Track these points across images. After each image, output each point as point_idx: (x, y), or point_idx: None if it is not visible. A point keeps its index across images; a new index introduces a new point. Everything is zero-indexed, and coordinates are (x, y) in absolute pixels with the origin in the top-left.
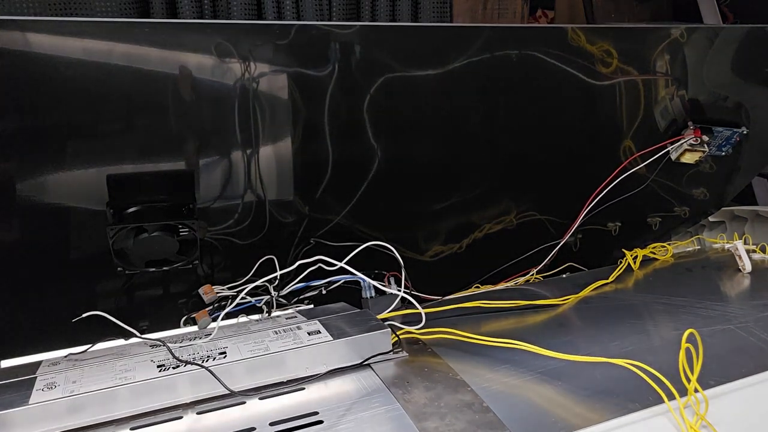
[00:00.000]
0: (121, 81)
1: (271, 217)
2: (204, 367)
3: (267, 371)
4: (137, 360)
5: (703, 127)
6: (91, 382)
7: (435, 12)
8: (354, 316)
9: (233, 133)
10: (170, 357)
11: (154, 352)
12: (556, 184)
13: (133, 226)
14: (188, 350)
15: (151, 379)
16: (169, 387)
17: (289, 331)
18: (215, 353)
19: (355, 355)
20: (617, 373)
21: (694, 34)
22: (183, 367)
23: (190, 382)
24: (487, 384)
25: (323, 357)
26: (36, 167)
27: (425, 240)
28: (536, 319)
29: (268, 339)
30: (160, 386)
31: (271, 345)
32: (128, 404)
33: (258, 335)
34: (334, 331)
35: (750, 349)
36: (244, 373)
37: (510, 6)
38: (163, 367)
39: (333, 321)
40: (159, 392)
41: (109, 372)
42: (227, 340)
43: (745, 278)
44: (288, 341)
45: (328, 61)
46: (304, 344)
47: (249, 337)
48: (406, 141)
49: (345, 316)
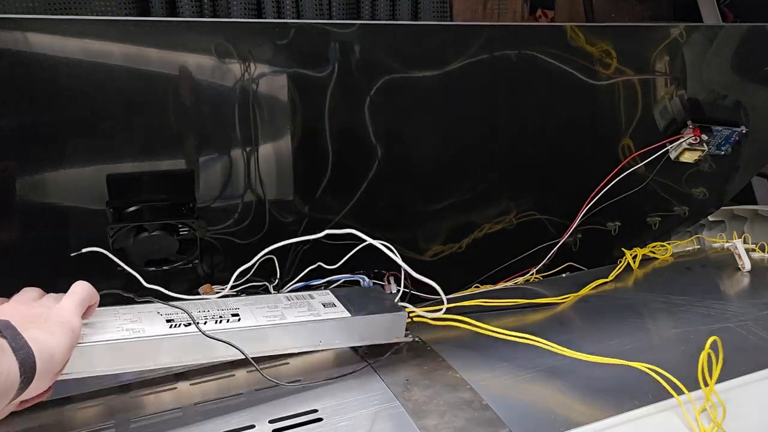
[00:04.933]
0: (120, 80)
1: (271, 217)
2: (209, 337)
3: (282, 340)
4: (144, 312)
5: (703, 126)
6: (94, 332)
7: (435, 12)
8: (368, 292)
9: (233, 132)
10: (179, 314)
11: (163, 309)
12: (555, 184)
13: (133, 225)
14: (200, 308)
15: (161, 336)
16: (177, 347)
17: (302, 299)
18: (227, 314)
19: (371, 335)
20: (617, 372)
21: (693, 33)
22: (193, 327)
23: (199, 344)
24: (487, 382)
25: (339, 333)
26: (36, 167)
27: (425, 240)
28: (536, 318)
29: (282, 305)
30: (169, 344)
31: (287, 313)
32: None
33: (270, 300)
34: (350, 306)
35: (749, 348)
36: (258, 339)
37: (510, 6)
38: (173, 323)
39: (346, 294)
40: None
41: (113, 323)
42: (238, 301)
43: (745, 277)
44: (303, 311)
45: (328, 61)
46: (320, 317)
47: (262, 301)
48: (406, 141)
49: (357, 290)
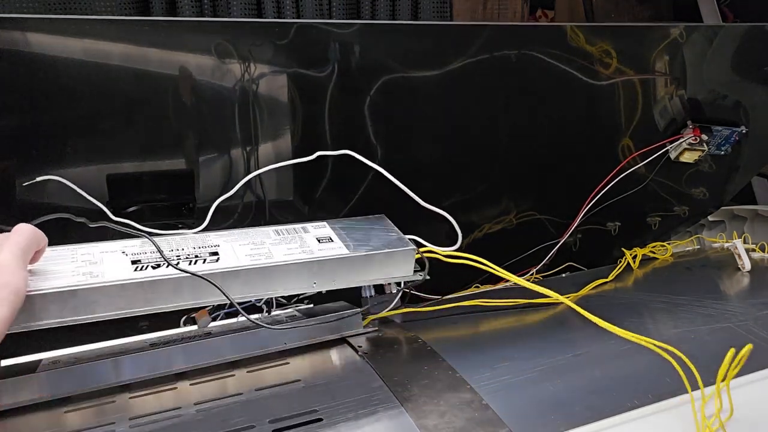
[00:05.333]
0: (120, 80)
1: (271, 217)
2: (194, 273)
3: (269, 283)
4: (108, 252)
5: (703, 126)
6: (44, 279)
7: (435, 12)
8: (372, 223)
9: (233, 132)
10: (148, 253)
11: (130, 247)
12: (555, 184)
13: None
14: (174, 245)
15: (121, 281)
16: (141, 292)
17: (293, 233)
18: (205, 253)
19: (374, 274)
20: (617, 372)
21: (693, 33)
22: (165, 268)
23: (168, 288)
24: (487, 382)
25: (336, 273)
26: (36, 166)
27: (425, 240)
28: (535, 318)
29: (269, 241)
30: (133, 290)
31: (274, 250)
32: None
33: (257, 234)
34: (348, 241)
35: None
36: (241, 282)
37: (510, 6)
38: (140, 265)
39: (345, 226)
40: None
41: (68, 267)
42: (219, 237)
43: (745, 277)
44: (294, 248)
45: (328, 61)
46: (314, 255)
47: (246, 235)
48: (406, 141)
49: (359, 221)
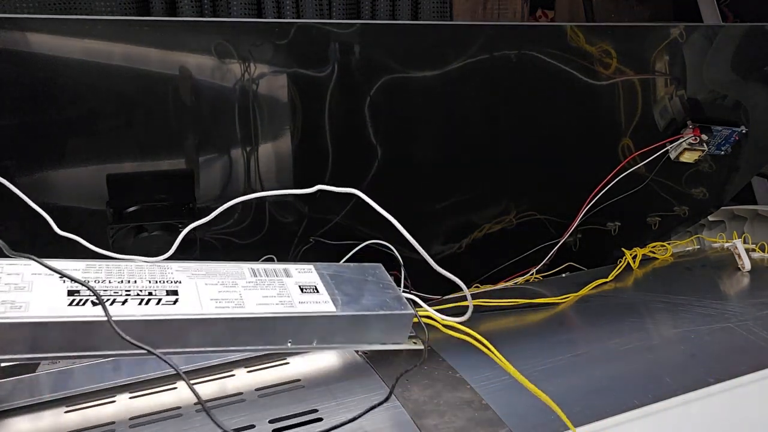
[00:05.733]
0: (120, 80)
1: (270, 217)
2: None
3: (234, 338)
4: (42, 275)
5: (703, 126)
6: None
7: (435, 12)
8: (364, 272)
9: (233, 132)
10: (94, 279)
11: (75, 270)
12: (555, 184)
13: (133, 225)
14: (127, 275)
15: (47, 318)
16: (70, 334)
17: (273, 275)
18: (161, 290)
19: (361, 338)
20: (617, 372)
21: (693, 33)
22: (110, 305)
23: (102, 335)
24: (487, 381)
25: (317, 333)
26: (36, 167)
27: (425, 240)
28: (535, 318)
29: (243, 283)
30: (59, 330)
31: (247, 296)
32: None
33: (228, 273)
34: (336, 294)
35: (749, 348)
36: (199, 333)
37: (510, 6)
38: (77, 299)
39: (334, 273)
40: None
41: None
42: (183, 271)
43: (745, 277)
44: (271, 294)
45: (328, 61)
46: (294, 309)
47: (216, 273)
48: (406, 141)
49: (351, 268)
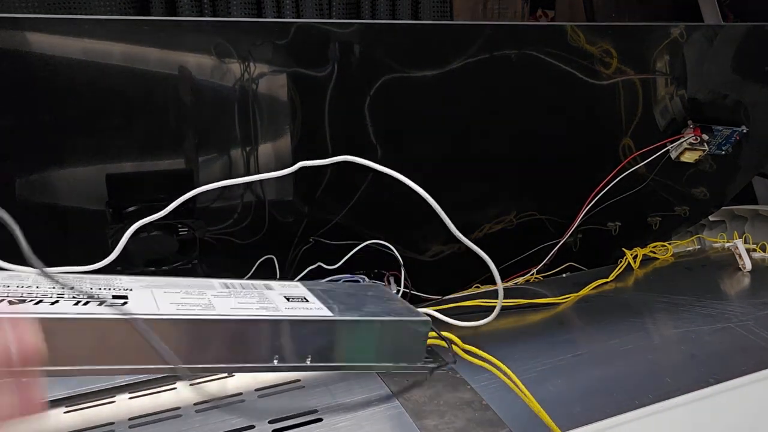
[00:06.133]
0: (120, 80)
1: (270, 217)
2: None
3: (202, 350)
4: None
5: (703, 125)
6: None
7: (435, 11)
8: (365, 290)
9: (233, 132)
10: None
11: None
12: (555, 184)
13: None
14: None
15: None
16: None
17: (250, 288)
18: (107, 295)
19: (369, 350)
20: (617, 372)
21: (694, 32)
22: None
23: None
24: (487, 382)
25: (312, 343)
26: (35, 167)
27: (425, 240)
28: (536, 318)
29: (212, 293)
30: None
31: (218, 303)
32: None
33: (195, 284)
34: (332, 303)
35: (750, 348)
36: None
37: (510, 5)
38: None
39: (327, 289)
40: None
41: None
42: (135, 281)
43: (745, 277)
44: (249, 302)
45: (328, 61)
46: (279, 313)
47: (177, 284)
48: (407, 140)
49: (347, 286)
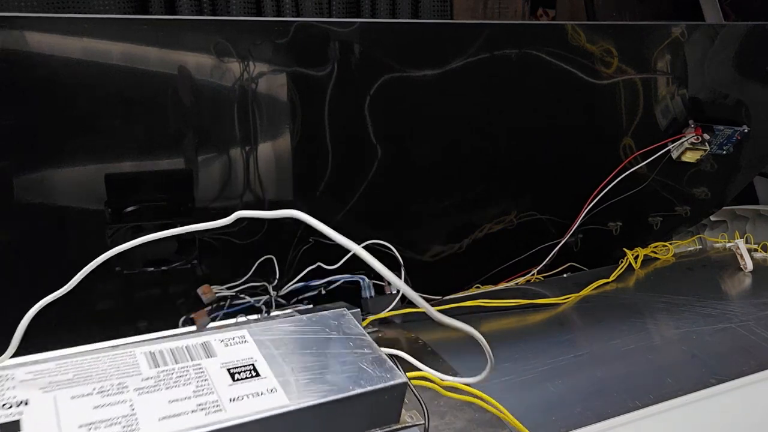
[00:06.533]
0: (119, 79)
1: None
2: None
3: None
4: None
5: (704, 125)
6: None
7: (435, 10)
8: (324, 323)
9: (232, 132)
10: None
11: None
12: (556, 184)
13: (131, 225)
14: None
15: None
16: None
17: (183, 360)
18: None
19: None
20: (618, 372)
21: (695, 32)
22: None
23: None
24: (487, 382)
25: None
26: (34, 167)
27: (425, 240)
28: (536, 318)
29: (135, 384)
30: None
31: (142, 410)
32: None
33: (112, 366)
34: (286, 372)
35: (751, 348)
36: None
37: (510, 5)
38: None
39: (281, 336)
40: None
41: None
42: (36, 377)
43: (747, 277)
44: (182, 395)
45: (328, 60)
46: (225, 418)
47: (89, 369)
48: (406, 140)
49: (304, 322)
